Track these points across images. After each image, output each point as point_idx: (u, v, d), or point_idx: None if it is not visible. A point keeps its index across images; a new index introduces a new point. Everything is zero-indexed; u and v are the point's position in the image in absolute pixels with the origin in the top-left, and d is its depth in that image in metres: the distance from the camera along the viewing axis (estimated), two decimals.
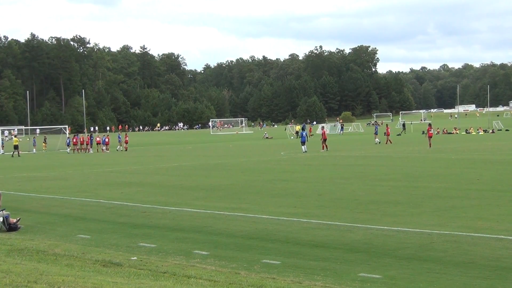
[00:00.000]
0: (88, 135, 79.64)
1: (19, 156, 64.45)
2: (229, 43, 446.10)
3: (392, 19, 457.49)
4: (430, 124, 62.25)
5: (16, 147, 66.21)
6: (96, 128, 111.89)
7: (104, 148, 71.23)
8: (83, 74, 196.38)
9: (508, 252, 13.29)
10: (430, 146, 54.77)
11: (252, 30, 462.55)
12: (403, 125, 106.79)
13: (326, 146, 54.48)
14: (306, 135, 55.95)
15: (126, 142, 71.01)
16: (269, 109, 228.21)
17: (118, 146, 71.81)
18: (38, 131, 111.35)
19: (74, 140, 71.58)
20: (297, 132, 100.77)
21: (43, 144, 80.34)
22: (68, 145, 71.29)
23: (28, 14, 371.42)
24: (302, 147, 53.43)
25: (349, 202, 21.50)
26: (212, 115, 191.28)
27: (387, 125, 76.53)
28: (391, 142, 63.69)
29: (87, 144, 71.78)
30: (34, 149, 73.39)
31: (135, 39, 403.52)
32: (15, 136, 77.38)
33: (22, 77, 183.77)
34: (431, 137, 56.52)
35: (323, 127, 65.58)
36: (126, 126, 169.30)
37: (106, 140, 72.29)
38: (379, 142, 65.13)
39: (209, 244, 15.25)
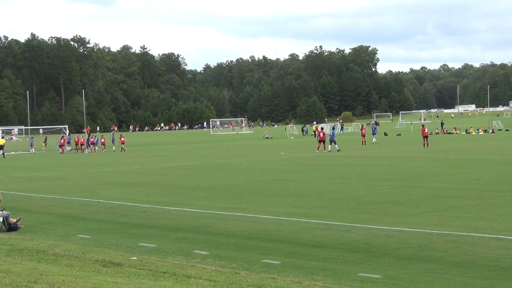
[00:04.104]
0: (82, 136, 79.57)
1: (4, 157, 62.18)
2: (229, 43, 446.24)
3: (391, 19, 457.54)
4: (423, 125, 62.25)
5: (1, 147, 63.65)
6: (85, 130, 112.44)
7: (95, 148, 71.95)
8: (83, 74, 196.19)
9: (508, 252, 13.30)
10: (425, 146, 54.93)
11: (251, 30, 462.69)
12: (441, 124, 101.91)
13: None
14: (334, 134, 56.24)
15: (123, 143, 70.38)
16: (269, 109, 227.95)
17: (113, 147, 71.74)
18: (41, 131, 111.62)
19: (62, 141, 71.82)
20: (314, 132, 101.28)
21: (43, 144, 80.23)
22: (60, 146, 71.40)
23: (27, 14, 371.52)
24: (335, 145, 53.92)
25: (349, 202, 21.51)
26: (212, 115, 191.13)
27: (362, 125, 76.63)
28: (365, 143, 63.31)
29: (81, 145, 71.72)
30: (32, 149, 73.07)
31: (134, 39, 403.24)
32: (2, 137, 76.91)
33: (22, 77, 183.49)
34: (426, 137, 56.52)
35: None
36: (114, 126, 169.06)
37: (100, 140, 72.90)
38: (376, 142, 65.74)
39: (209, 244, 15.26)
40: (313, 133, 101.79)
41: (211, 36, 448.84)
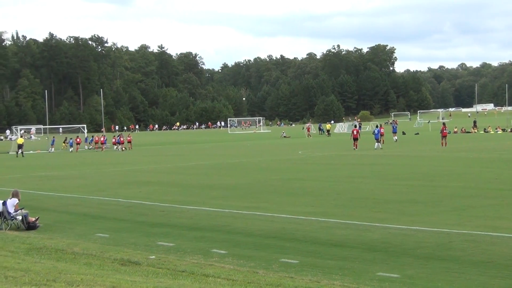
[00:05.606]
0: (102, 135, 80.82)
1: (23, 156, 62.87)
2: (246, 42, 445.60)
3: (408, 18, 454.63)
4: (444, 124, 61.90)
5: (20, 146, 64.14)
6: (103, 129, 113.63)
7: (103, 147, 74.12)
8: (101, 73, 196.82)
9: None
10: (444, 145, 54.84)
11: (268, 29, 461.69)
12: (474, 122, 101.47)
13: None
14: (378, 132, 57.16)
15: (129, 141, 71.87)
16: (287, 108, 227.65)
17: (117, 146, 72.61)
18: (61, 130, 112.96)
19: (78, 140, 74.38)
20: (328, 131, 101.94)
21: (63, 144, 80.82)
22: (71, 145, 72.77)
23: (45, 13, 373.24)
24: (379, 144, 55.55)
25: (366, 201, 21.45)
26: (230, 114, 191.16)
27: (380, 125, 76.40)
28: (383, 142, 62.97)
29: (102, 143, 73.57)
30: (52, 148, 73.72)
31: (152, 39, 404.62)
32: (21, 136, 77.70)
33: (40, 76, 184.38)
34: (445, 136, 56.37)
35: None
36: (132, 125, 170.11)
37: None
38: (396, 140, 66.12)
39: (227, 243, 15.28)
40: (327, 132, 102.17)
41: (228, 35, 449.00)
